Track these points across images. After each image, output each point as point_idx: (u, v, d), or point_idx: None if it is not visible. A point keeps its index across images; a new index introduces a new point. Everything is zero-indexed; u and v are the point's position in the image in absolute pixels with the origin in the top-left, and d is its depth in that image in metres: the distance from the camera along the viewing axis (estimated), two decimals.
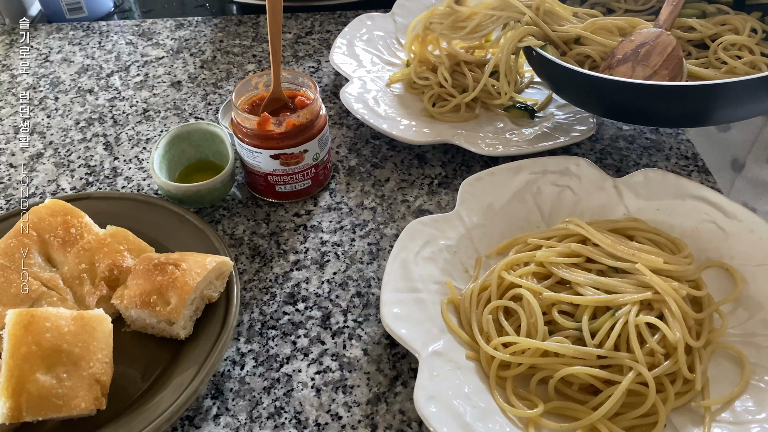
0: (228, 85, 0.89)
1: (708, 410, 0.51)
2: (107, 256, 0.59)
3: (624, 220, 0.63)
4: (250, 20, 1.02)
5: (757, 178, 0.89)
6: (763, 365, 0.53)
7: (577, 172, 0.66)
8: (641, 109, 0.65)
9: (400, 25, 0.91)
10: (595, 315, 0.55)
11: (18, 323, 0.49)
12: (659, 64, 0.66)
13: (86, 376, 0.49)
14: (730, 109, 0.62)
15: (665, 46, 0.67)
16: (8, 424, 0.47)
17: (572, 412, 0.52)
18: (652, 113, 0.66)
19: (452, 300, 0.58)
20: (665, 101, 0.62)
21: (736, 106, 0.61)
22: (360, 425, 0.53)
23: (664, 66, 0.66)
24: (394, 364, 0.57)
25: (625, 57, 0.68)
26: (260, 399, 0.55)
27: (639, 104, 0.64)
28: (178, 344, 0.56)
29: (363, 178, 0.75)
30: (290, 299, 0.63)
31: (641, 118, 0.69)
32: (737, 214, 0.61)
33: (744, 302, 0.58)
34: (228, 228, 0.69)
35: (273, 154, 0.66)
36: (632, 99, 0.64)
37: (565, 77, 0.67)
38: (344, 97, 0.78)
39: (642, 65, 0.66)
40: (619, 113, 0.70)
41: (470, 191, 0.65)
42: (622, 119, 0.75)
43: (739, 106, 0.61)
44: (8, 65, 0.94)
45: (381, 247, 0.67)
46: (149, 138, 0.81)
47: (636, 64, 0.66)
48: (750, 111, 0.63)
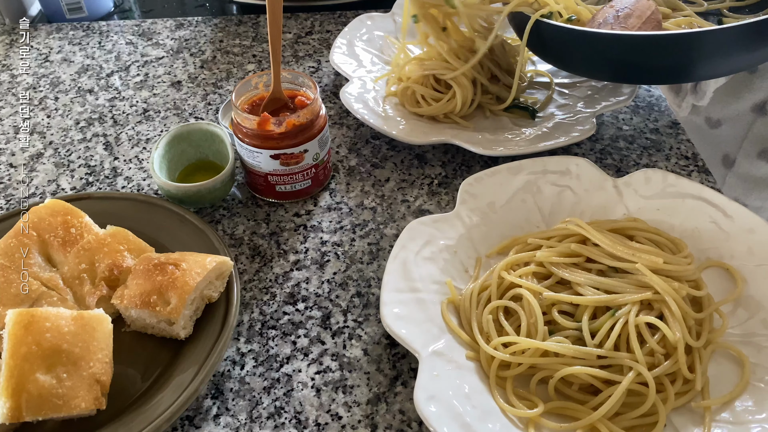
0: (228, 85, 0.89)
1: (708, 410, 0.51)
2: (107, 256, 0.59)
3: (624, 220, 0.63)
4: (250, 20, 1.02)
5: (748, 173, 0.90)
6: (763, 365, 0.53)
7: (577, 172, 0.66)
8: (634, 63, 0.67)
9: (400, 25, 0.91)
10: (595, 315, 0.55)
11: (18, 323, 0.49)
12: (637, 27, 0.67)
13: (86, 376, 0.49)
14: (707, 61, 0.64)
15: (644, 10, 0.68)
16: (8, 424, 0.47)
17: (572, 412, 0.52)
18: (641, 66, 0.67)
19: (452, 300, 0.58)
20: (646, 53, 0.64)
21: (712, 58, 0.63)
22: (360, 425, 0.53)
23: (642, 29, 0.68)
24: (394, 364, 0.57)
25: (604, 21, 0.69)
26: (260, 399, 0.55)
27: (629, 58, 0.66)
28: (178, 344, 0.56)
29: (363, 178, 0.75)
30: (290, 299, 0.63)
31: (638, 73, 0.70)
32: (737, 214, 0.61)
33: (744, 302, 0.58)
34: (228, 228, 0.69)
35: (273, 154, 0.66)
36: (617, 53, 0.65)
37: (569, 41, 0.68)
38: (344, 97, 0.78)
39: (620, 27, 0.67)
40: (616, 71, 0.71)
41: (470, 191, 0.65)
42: (623, 79, 0.76)
43: (716, 58, 0.63)
44: (8, 65, 0.94)
45: (381, 247, 0.67)
46: (149, 138, 0.81)
47: (615, 27, 0.68)
48: (729, 64, 0.65)
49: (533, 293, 0.56)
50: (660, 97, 0.85)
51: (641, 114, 0.83)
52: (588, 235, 0.58)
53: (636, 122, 0.82)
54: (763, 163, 0.89)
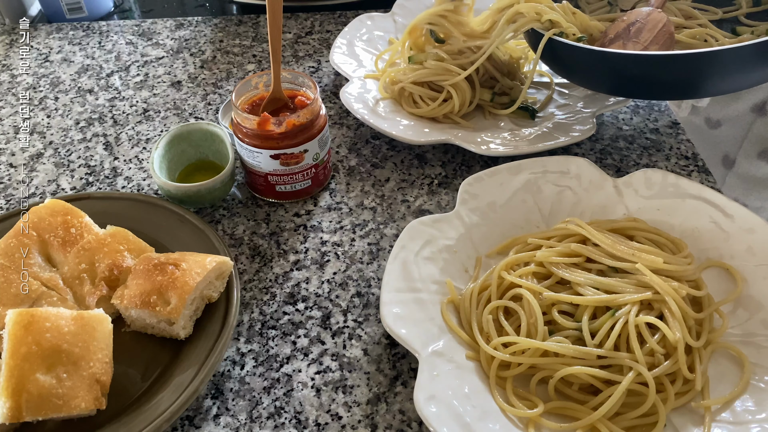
0: (228, 85, 0.89)
1: (708, 410, 0.51)
2: (107, 256, 0.59)
3: (624, 220, 0.63)
4: (250, 20, 1.02)
5: (748, 173, 0.90)
6: (763, 365, 0.53)
7: (577, 172, 0.66)
8: (643, 80, 0.66)
9: (400, 25, 0.91)
10: (595, 315, 0.55)
11: (18, 323, 0.49)
12: (649, 40, 0.67)
13: (86, 376, 0.49)
14: (718, 78, 0.63)
15: (656, 23, 0.68)
16: (8, 424, 0.47)
17: (572, 412, 0.52)
18: (650, 83, 0.67)
19: (452, 300, 0.58)
20: (657, 70, 0.63)
21: (724, 76, 0.63)
22: (360, 425, 0.53)
23: (654, 42, 0.67)
24: (394, 364, 0.57)
25: (617, 35, 0.69)
26: (260, 399, 0.55)
27: (637, 75, 0.65)
28: (178, 344, 0.56)
29: (363, 178, 0.75)
30: (290, 299, 0.63)
31: (645, 90, 0.70)
32: (737, 214, 0.61)
33: (744, 302, 0.58)
34: (228, 228, 0.69)
35: (273, 154, 0.66)
36: (632, 71, 0.65)
37: (578, 58, 0.68)
38: (344, 97, 0.78)
39: (632, 42, 0.67)
40: (625, 88, 0.70)
41: (470, 191, 0.65)
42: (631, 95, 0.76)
43: (727, 76, 0.62)
44: (8, 65, 0.94)
45: (381, 247, 0.67)
46: (149, 138, 0.81)
47: (627, 42, 0.67)
48: (741, 81, 0.65)
49: (533, 293, 0.56)
50: None
51: (641, 114, 0.83)
52: (588, 235, 0.58)
53: (636, 122, 0.82)
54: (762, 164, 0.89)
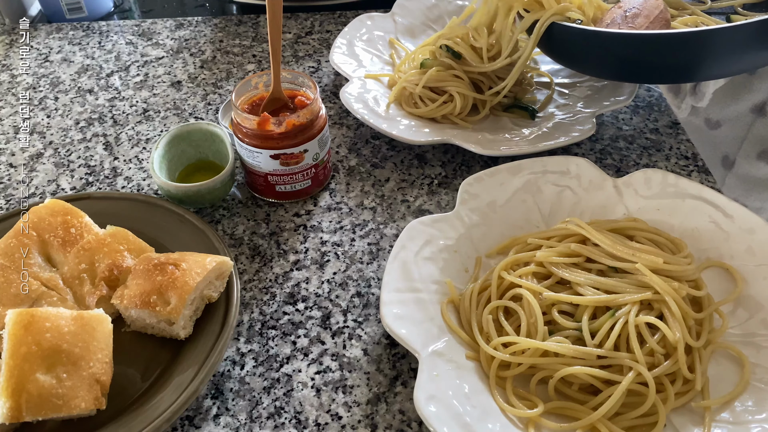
0: (228, 85, 0.89)
1: (708, 410, 0.51)
2: (107, 256, 0.59)
3: (624, 220, 0.63)
4: (250, 20, 1.02)
5: (747, 174, 0.90)
6: (763, 365, 0.53)
7: (577, 172, 0.66)
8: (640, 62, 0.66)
9: (400, 25, 0.91)
10: (595, 315, 0.55)
11: (18, 323, 0.49)
12: (645, 26, 0.67)
13: (86, 376, 0.49)
14: (715, 59, 0.63)
15: (652, 9, 0.69)
16: (8, 424, 0.47)
17: (572, 412, 0.52)
18: (648, 65, 0.67)
19: (452, 300, 0.58)
20: (655, 51, 0.63)
21: (722, 57, 0.63)
22: (360, 425, 0.53)
23: (650, 28, 0.68)
24: (394, 364, 0.57)
25: (613, 21, 0.69)
26: (260, 399, 0.55)
27: (637, 56, 0.65)
28: (178, 344, 0.56)
29: (363, 178, 0.75)
30: (290, 299, 0.63)
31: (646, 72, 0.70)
32: (737, 214, 0.61)
33: (744, 302, 0.58)
34: (228, 228, 0.69)
35: (273, 154, 0.66)
36: (626, 52, 0.65)
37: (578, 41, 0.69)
38: (344, 97, 0.78)
39: (629, 27, 0.67)
40: (624, 70, 0.70)
41: (470, 191, 0.65)
42: (631, 78, 0.76)
43: (725, 56, 0.62)
44: (8, 65, 0.94)
45: (381, 247, 0.67)
46: (149, 138, 0.81)
47: (623, 27, 0.68)
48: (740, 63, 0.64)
49: (533, 293, 0.56)
50: (660, 97, 0.85)
51: (641, 114, 0.83)
52: (588, 235, 0.58)
53: (636, 122, 0.82)
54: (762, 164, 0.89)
